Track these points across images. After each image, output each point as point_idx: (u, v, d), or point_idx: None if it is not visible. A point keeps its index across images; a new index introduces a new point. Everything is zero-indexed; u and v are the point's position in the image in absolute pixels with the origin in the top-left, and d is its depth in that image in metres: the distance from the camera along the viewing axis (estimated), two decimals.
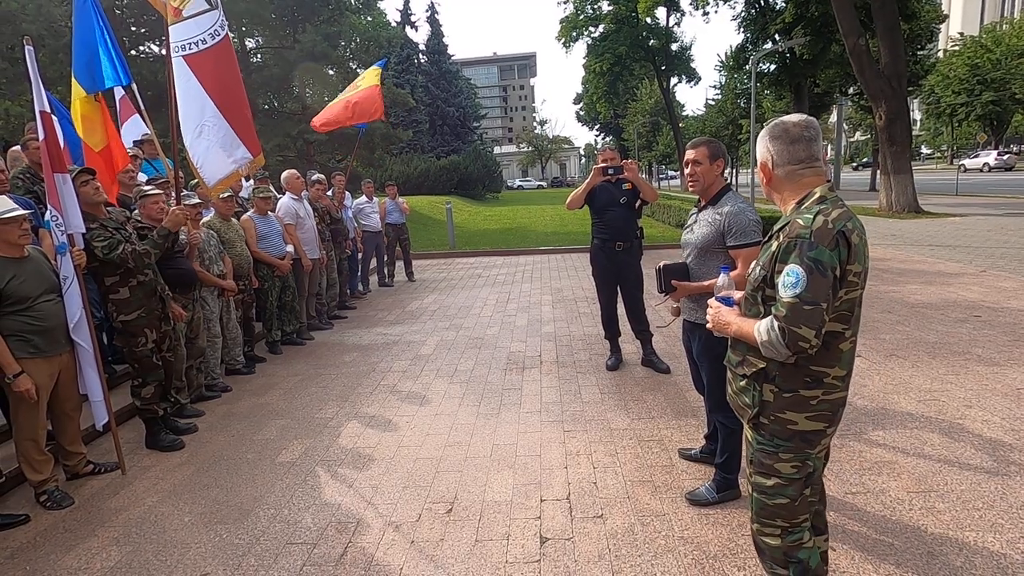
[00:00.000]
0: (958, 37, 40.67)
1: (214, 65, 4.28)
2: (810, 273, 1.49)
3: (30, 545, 2.72)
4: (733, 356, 1.81)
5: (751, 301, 1.71)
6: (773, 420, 1.68)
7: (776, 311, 1.55)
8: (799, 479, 1.69)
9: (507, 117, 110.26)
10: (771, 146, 1.70)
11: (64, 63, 14.78)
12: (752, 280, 1.71)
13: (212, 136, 4.35)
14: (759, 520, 1.78)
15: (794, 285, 1.51)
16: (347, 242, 7.47)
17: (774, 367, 1.66)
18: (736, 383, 1.80)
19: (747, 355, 1.73)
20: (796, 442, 1.67)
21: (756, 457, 1.74)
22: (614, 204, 4.41)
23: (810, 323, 1.49)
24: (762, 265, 1.66)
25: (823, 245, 1.50)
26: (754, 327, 1.62)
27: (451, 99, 46.46)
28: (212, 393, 4.55)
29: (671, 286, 2.67)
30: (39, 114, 3.09)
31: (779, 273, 1.56)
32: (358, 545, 2.58)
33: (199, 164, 4.33)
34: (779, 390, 1.66)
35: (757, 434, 1.73)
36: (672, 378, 4.42)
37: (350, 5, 22.16)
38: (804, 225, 1.54)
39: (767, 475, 1.72)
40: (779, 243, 1.59)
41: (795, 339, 1.50)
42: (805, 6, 21.21)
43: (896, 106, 14.91)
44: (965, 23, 61.73)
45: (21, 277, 2.89)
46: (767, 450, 1.71)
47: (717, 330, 1.81)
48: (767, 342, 1.57)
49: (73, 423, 3.27)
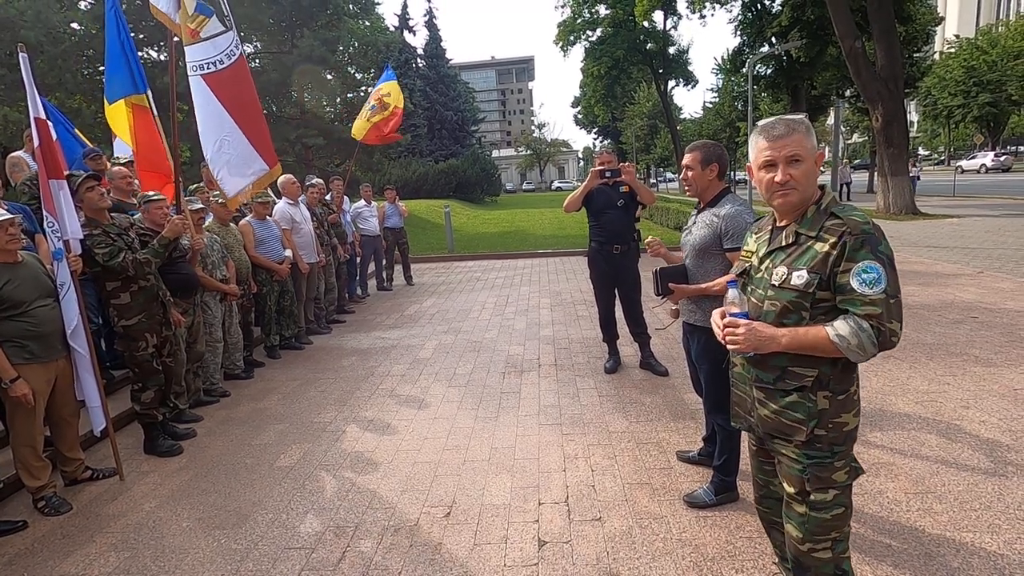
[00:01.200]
0: (954, 39, 40.86)
1: (232, 83, 4.50)
2: (887, 267, 1.48)
3: (28, 551, 2.72)
4: (764, 374, 1.68)
5: (790, 309, 1.58)
6: (831, 428, 1.59)
7: (864, 310, 1.47)
8: (849, 484, 1.64)
9: (505, 121, 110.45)
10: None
11: (63, 69, 14.80)
12: (794, 286, 1.57)
13: (231, 150, 4.56)
14: (812, 538, 1.64)
15: (877, 281, 1.46)
16: (345, 246, 7.48)
17: (827, 371, 1.58)
18: (778, 401, 1.65)
19: (788, 367, 1.62)
20: (848, 444, 1.62)
21: (811, 473, 1.61)
22: (611, 207, 4.43)
23: (899, 316, 1.48)
24: (811, 269, 1.54)
25: (883, 239, 1.51)
26: (827, 333, 1.50)
27: (449, 103, 46.54)
28: (211, 398, 4.55)
29: (668, 289, 2.67)
30: (34, 121, 3.11)
31: (845, 273, 1.49)
32: (356, 549, 2.57)
33: (219, 177, 4.55)
34: (833, 394, 1.59)
35: (810, 449, 1.61)
36: (670, 380, 4.43)
37: (348, 10, 22.20)
38: (863, 221, 1.51)
39: (825, 489, 1.61)
40: (832, 243, 1.52)
41: (889, 335, 1.46)
42: (801, 9, 21.28)
43: (893, 108, 14.96)
44: (961, 25, 62.01)
45: (15, 282, 2.89)
46: (823, 463, 1.61)
47: (753, 350, 1.63)
48: (855, 345, 1.47)
49: (71, 429, 3.26)
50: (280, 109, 21.42)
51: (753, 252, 1.77)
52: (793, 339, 1.56)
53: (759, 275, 1.70)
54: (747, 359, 1.73)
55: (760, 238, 1.76)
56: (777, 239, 1.67)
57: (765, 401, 1.69)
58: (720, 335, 1.70)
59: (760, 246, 1.74)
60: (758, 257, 1.73)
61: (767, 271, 1.66)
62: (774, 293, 1.62)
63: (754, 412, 1.74)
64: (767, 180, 1.62)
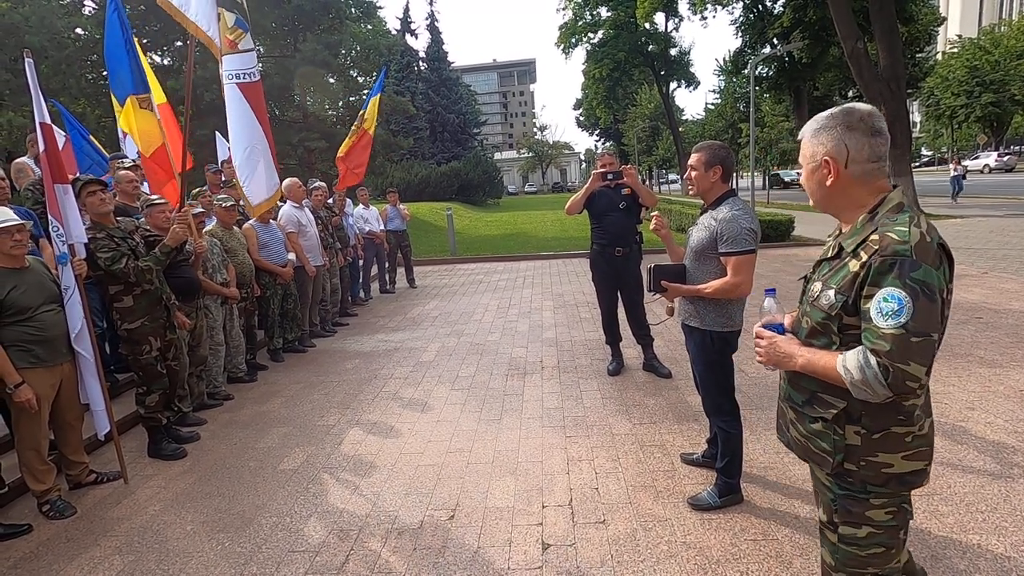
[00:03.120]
0: (956, 39, 40.75)
1: (258, 97, 4.74)
2: (916, 298, 1.23)
3: (33, 555, 2.72)
4: (795, 393, 1.54)
5: (819, 330, 1.43)
6: (864, 466, 1.40)
7: (873, 344, 1.27)
8: (895, 525, 1.43)
9: (507, 123, 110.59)
10: (848, 138, 1.38)
11: (67, 74, 14.90)
12: (821, 306, 1.42)
13: (259, 157, 4.75)
14: (845, 569, 1.50)
15: (896, 313, 1.24)
16: (348, 249, 7.49)
17: (858, 406, 1.38)
18: (805, 425, 1.51)
19: (817, 392, 1.46)
20: (893, 486, 1.40)
21: (841, 505, 1.46)
22: (613, 209, 4.42)
23: (921, 359, 1.24)
24: (838, 289, 1.37)
25: (927, 263, 1.25)
26: (836, 362, 1.34)
27: (451, 106, 46.68)
28: (214, 401, 4.56)
29: (660, 286, 2.68)
30: (39, 125, 3.12)
31: (869, 298, 1.29)
32: (360, 552, 2.57)
33: (245, 183, 4.71)
34: (867, 431, 1.39)
35: (841, 480, 1.46)
36: (673, 382, 4.42)
37: (350, 14, 22.30)
38: (900, 239, 1.27)
39: (857, 525, 1.44)
40: (862, 262, 1.32)
41: (902, 378, 1.24)
42: (803, 10, 21.29)
43: (895, 108, 14.92)
44: (963, 25, 61.89)
45: (21, 288, 2.90)
46: (856, 497, 1.44)
47: (773, 364, 1.54)
48: (860, 381, 1.29)
49: (75, 432, 3.27)
50: (283, 112, 21.50)
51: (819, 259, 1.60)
52: (809, 362, 1.42)
53: (807, 285, 1.54)
54: (786, 373, 1.58)
55: (827, 243, 1.57)
56: (831, 248, 1.50)
57: (795, 422, 1.56)
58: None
59: (824, 252, 1.55)
60: (814, 265, 1.57)
61: (811, 283, 1.51)
62: (808, 309, 1.48)
63: (788, 430, 1.62)
64: None
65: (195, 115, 15.23)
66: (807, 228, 13.50)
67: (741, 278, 2.51)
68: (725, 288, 2.52)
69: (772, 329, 1.56)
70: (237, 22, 4.49)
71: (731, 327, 2.64)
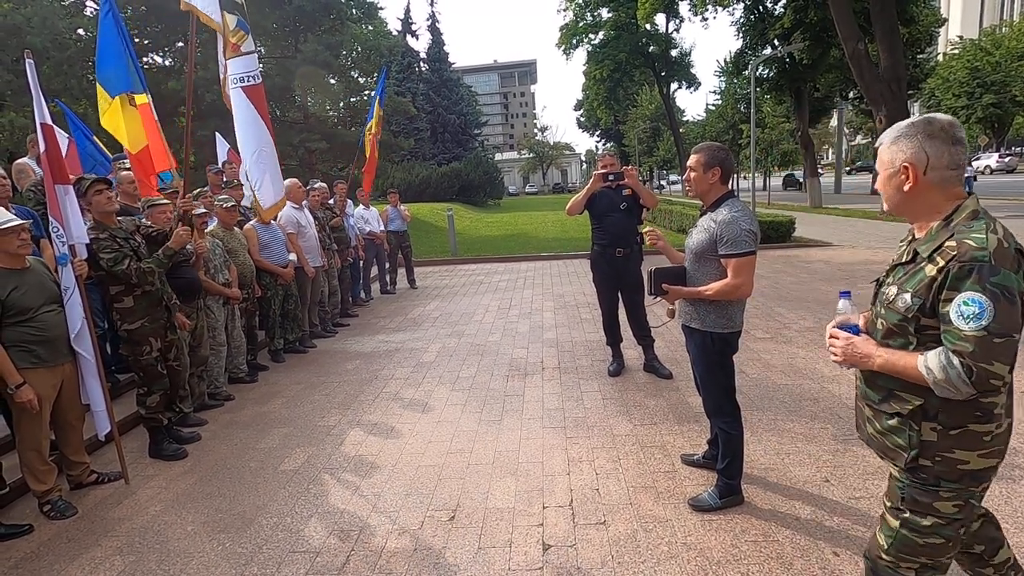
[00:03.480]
0: (957, 40, 40.71)
1: (261, 99, 4.75)
2: (996, 301, 1.30)
3: (34, 555, 2.73)
4: (871, 392, 1.59)
5: (895, 331, 1.49)
6: (939, 461, 1.47)
7: (955, 345, 1.34)
8: (960, 519, 1.50)
9: (508, 124, 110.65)
10: (928, 146, 1.44)
11: (68, 75, 14.92)
12: (896, 309, 1.48)
13: (268, 160, 4.78)
14: (897, 555, 1.56)
15: (978, 316, 1.31)
16: (348, 250, 7.50)
17: (935, 403, 1.44)
18: (881, 422, 1.57)
19: (894, 391, 1.52)
20: (966, 481, 1.47)
21: (909, 494, 1.53)
22: (614, 210, 4.43)
23: (1004, 358, 1.31)
24: (914, 292, 1.44)
25: (1005, 268, 1.32)
26: (917, 363, 1.40)
27: (452, 106, 46.70)
28: (215, 402, 4.56)
29: (661, 289, 2.68)
30: (40, 126, 3.13)
31: (947, 302, 1.36)
32: (361, 553, 2.57)
33: (257, 187, 4.73)
34: (943, 428, 1.45)
35: (913, 476, 1.52)
36: (674, 383, 4.42)
37: (351, 15, 22.31)
38: (978, 246, 1.34)
39: (923, 514, 1.51)
40: (939, 268, 1.38)
41: (986, 377, 1.31)
42: (804, 11, 21.28)
43: (896, 110, 14.94)
44: (964, 26, 61.85)
45: (22, 288, 2.91)
46: (926, 489, 1.50)
47: (850, 364, 1.59)
48: (943, 381, 1.35)
49: (76, 433, 3.28)
50: (283, 113, 21.52)
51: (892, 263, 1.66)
52: (887, 362, 1.48)
53: (883, 289, 1.60)
54: (860, 372, 1.64)
55: (900, 248, 1.63)
56: (906, 253, 1.56)
57: (872, 420, 1.62)
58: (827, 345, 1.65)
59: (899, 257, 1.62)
60: (888, 270, 1.63)
61: (886, 286, 1.57)
62: (884, 311, 1.54)
63: (865, 428, 1.67)
64: None
65: (196, 115, 15.26)
66: (807, 229, 13.50)
67: (741, 279, 2.51)
68: (725, 290, 2.52)
69: (847, 330, 1.61)
70: (239, 24, 4.51)
71: (731, 328, 2.64)
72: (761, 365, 4.70)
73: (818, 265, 9.44)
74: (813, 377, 4.36)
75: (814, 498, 2.75)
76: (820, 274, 8.61)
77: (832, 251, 10.91)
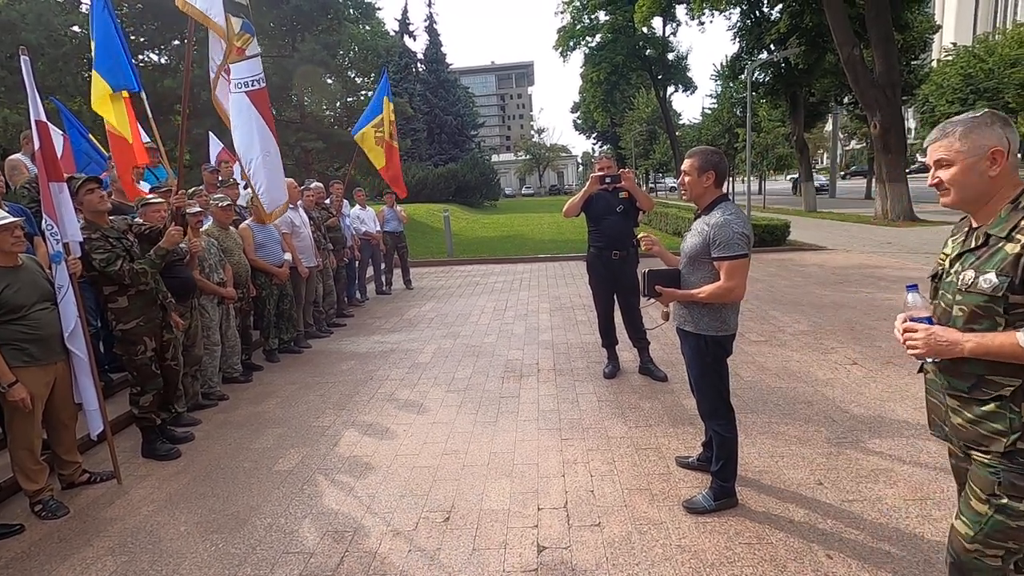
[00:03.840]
0: (951, 47, 40.97)
1: (265, 104, 4.74)
2: None
3: (25, 555, 2.71)
4: (957, 381, 1.59)
5: (980, 314, 1.51)
6: None
7: None
8: None
9: (505, 125, 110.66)
10: (1007, 133, 1.52)
11: (64, 72, 14.83)
12: (981, 291, 1.50)
13: (272, 165, 4.75)
14: (985, 541, 1.58)
15: None
16: (344, 250, 7.48)
17: None
18: (972, 411, 1.57)
19: (985, 376, 1.53)
20: None
21: (1006, 479, 1.53)
22: (611, 213, 4.44)
23: None
24: (999, 271, 1.47)
25: None
26: (1017, 338, 1.42)
27: (449, 108, 46.66)
28: (209, 401, 4.54)
29: (655, 291, 2.69)
30: (35, 123, 3.11)
31: None
32: (355, 554, 2.57)
33: (261, 190, 4.74)
34: None
35: (1010, 461, 1.52)
36: (669, 386, 4.43)
37: (348, 15, 22.29)
38: None
39: (1020, 498, 1.51)
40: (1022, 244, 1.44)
41: None
42: (799, 16, 21.38)
43: (891, 115, 15.04)
44: (958, 33, 62.33)
45: (15, 286, 2.89)
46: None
47: (934, 355, 1.58)
48: None
49: (69, 432, 3.26)
50: (280, 112, 21.44)
51: (948, 255, 1.69)
52: (979, 345, 1.49)
53: (949, 279, 1.63)
54: (937, 365, 1.64)
55: (956, 240, 1.68)
56: (969, 241, 1.60)
57: (959, 410, 1.60)
58: (900, 340, 1.64)
59: (955, 248, 1.66)
60: (949, 260, 1.66)
61: (956, 275, 1.59)
62: (962, 298, 1.55)
63: (947, 421, 1.66)
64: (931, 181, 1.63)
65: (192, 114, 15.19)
66: (802, 233, 13.56)
67: (735, 282, 2.52)
68: (719, 292, 2.53)
69: (919, 322, 1.60)
70: (244, 26, 4.47)
71: (725, 331, 2.65)
72: (756, 368, 4.72)
73: (812, 269, 9.49)
74: (807, 380, 4.38)
75: (808, 501, 2.77)
76: (814, 278, 8.65)
77: (827, 255, 10.97)
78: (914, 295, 1.65)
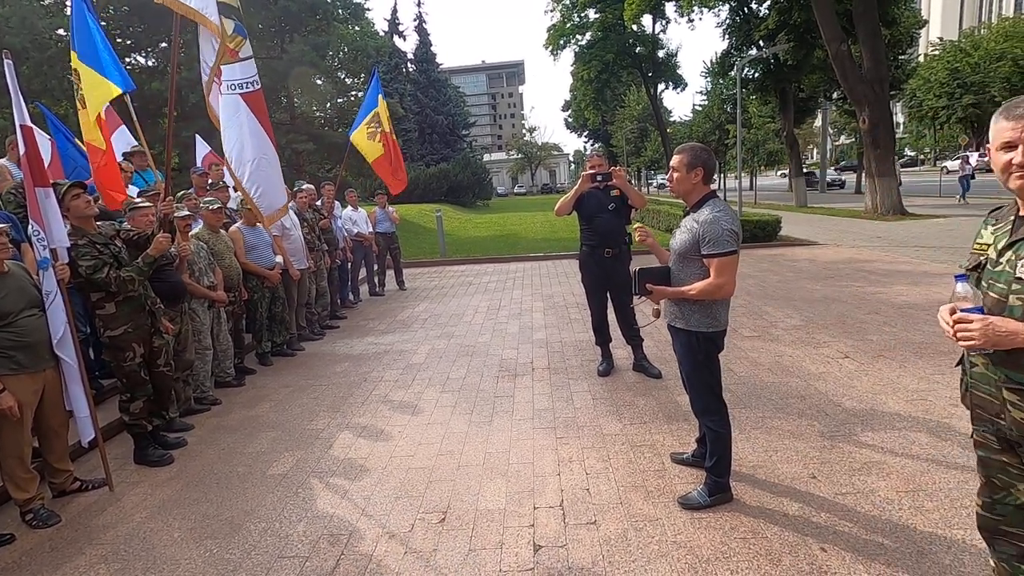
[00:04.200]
0: (938, 42, 41.36)
1: (260, 106, 4.65)
2: None
3: (15, 565, 2.67)
4: (1016, 373, 1.53)
5: None
6: None
7: None
8: None
9: (496, 124, 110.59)
10: None
11: (49, 76, 14.69)
12: None
13: (269, 168, 4.68)
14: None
15: None
16: (336, 252, 7.45)
17: None
18: None
19: None
20: None
21: None
22: (603, 211, 4.44)
23: None
24: None
25: None
26: None
27: (440, 107, 46.60)
28: (201, 406, 4.51)
29: (645, 289, 2.70)
30: (20, 128, 3.07)
31: None
32: (351, 557, 2.56)
33: (256, 195, 4.66)
34: None
35: None
36: (663, 383, 4.44)
37: (337, 15, 22.21)
38: None
39: None
40: None
41: None
42: (788, 13, 21.51)
43: (879, 110, 15.15)
44: (944, 28, 62.87)
45: (1, 293, 2.85)
46: None
47: (992, 346, 1.52)
48: None
49: (60, 440, 3.22)
50: (270, 114, 21.35)
51: (990, 244, 1.64)
52: None
53: (999, 268, 1.57)
54: (989, 358, 1.58)
55: (999, 229, 1.62)
56: (1021, 229, 1.54)
57: (1021, 403, 1.54)
58: (948, 332, 1.57)
59: (999, 237, 1.60)
60: (996, 249, 1.60)
61: (1009, 263, 1.53)
62: (1020, 286, 1.49)
63: (1004, 415, 1.59)
64: (1005, 161, 1.52)
65: (180, 117, 15.09)
66: (793, 228, 13.64)
67: (724, 279, 2.53)
68: (709, 289, 2.54)
69: (971, 312, 1.54)
70: (236, 29, 4.43)
71: (716, 327, 2.66)
72: (748, 363, 4.74)
73: (804, 264, 9.54)
74: (800, 375, 4.41)
75: (802, 495, 2.78)
76: (806, 272, 8.71)
77: (817, 250, 11.03)
78: (964, 285, 1.58)
